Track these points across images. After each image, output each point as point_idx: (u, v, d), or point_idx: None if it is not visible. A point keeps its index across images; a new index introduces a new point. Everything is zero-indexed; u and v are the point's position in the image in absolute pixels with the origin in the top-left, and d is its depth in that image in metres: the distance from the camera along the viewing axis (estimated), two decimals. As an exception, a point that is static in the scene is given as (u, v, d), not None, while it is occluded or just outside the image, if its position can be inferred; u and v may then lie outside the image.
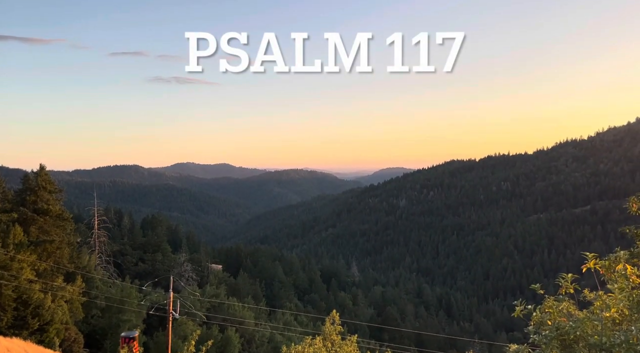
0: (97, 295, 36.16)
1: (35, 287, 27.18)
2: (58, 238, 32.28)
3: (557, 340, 5.52)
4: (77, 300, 31.72)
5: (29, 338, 25.57)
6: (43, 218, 32.49)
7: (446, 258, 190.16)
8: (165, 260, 63.12)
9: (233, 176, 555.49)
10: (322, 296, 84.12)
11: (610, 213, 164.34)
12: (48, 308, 27.21)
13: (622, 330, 5.14)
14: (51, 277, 30.14)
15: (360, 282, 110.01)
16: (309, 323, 57.89)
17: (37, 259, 29.43)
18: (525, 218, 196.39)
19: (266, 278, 78.74)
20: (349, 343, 18.49)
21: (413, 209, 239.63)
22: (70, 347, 29.13)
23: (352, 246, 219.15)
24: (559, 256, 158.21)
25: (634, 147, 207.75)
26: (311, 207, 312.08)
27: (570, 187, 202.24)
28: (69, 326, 29.90)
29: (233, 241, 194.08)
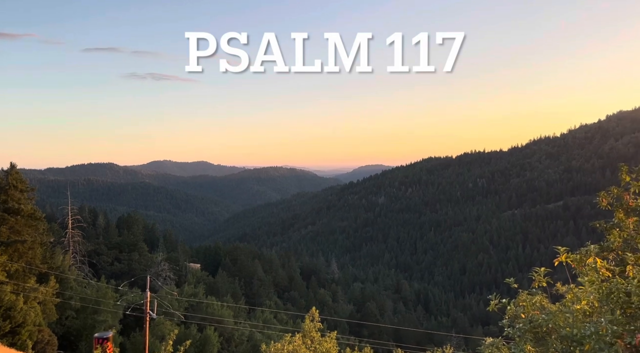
0: (72, 296, 35.37)
1: (7, 289, 26.41)
2: (30, 238, 31.41)
3: (531, 333, 5.67)
4: (51, 301, 30.97)
5: (0, 341, 24.87)
6: (14, 218, 31.55)
7: (424, 254, 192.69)
8: (142, 260, 62.15)
9: (211, 174, 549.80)
10: (302, 293, 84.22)
11: (582, 209, 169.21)
12: (20, 310, 26.48)
13: (593, 322, 5.32)
14: (23, 278, 29.33)
15: (339, 278, 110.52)
16: (289, 320, 57.91)
17: (8, 260, 28.59)
18: (500, 214, 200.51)
19: (245, 276, 78.33)
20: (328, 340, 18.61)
21: (392, 206, 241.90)
22: (43, 349, 28.43)
23: (331, 243, 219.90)
24: (533, 251, 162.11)
25: (604, 144, 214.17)
26: (291, 204, 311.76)
27: (544, 183, 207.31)
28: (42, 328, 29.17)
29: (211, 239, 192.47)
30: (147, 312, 25.09)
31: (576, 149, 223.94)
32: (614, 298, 5.21)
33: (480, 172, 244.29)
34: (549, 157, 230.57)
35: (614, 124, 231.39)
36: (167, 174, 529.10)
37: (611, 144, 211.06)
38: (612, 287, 5.31)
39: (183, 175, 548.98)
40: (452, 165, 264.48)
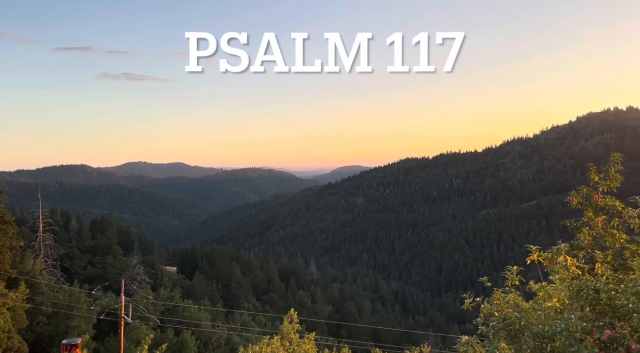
0: (43, 301, 34.36)
1: (-27, 296, 25.46)
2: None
3: (504, 331, 5.78)
4: (21, 307, 30.01)
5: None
6: (-19, 221, 30.49)
7: (402, 254, 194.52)
8: (116, 263, 60.85)
9: (188, 175, 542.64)
10: (281, 295, 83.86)
11: (554, 208, 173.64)
12: (-13, 317, 25.57)
13: (563, 319, 5.46)
14: (-9, 284, 28.33)
15: (318, 279, 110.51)
16: (267, 322, 57.60)
17: (-25, 266, 27.58)
18: (475, 214, 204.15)
19: (223, 279, 77.53)
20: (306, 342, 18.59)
21: (370, 207, 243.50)
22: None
23: (310, 244, 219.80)
24: (507, 249, 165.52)
25: (575, 145, 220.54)
26: (269, 205, 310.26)
27: (517, 183, 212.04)
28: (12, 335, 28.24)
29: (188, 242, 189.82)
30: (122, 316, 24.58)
31: (548, 150, 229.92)
32: (584, 296, 5.36)
33: (455, 172, 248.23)
34: (522, 158, 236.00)
35: (583, 125, 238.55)
36: (142, 175, 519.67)
37: (581, 145, 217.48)
38: (582, 284, 5.46)
39: (159, 176, 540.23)
40: (429, 166, 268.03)
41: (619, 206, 7.30)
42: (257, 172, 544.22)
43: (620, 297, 5.02)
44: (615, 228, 7.17)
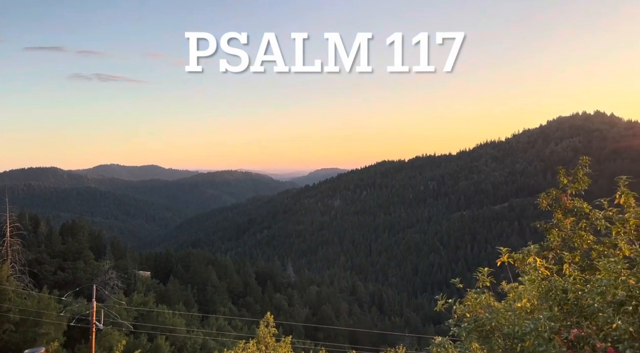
0: (10, 308, 33.19)
1: None
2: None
3: (476, 332, 5.87)
4: (-15, 315, 28.90)
5: None
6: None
7: (378, 256, 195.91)
8: (88, 268, 59.34)
9: (162, 178, 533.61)
10: (258, 299, 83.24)
11: (525, 210, 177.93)
12: (-51, 326, 24.52)
13: (532, 319, 5.58)
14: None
15: (295, 282, 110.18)
16: (244, 327, 57.06)
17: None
18: (450, 216, 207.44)
19: (198, 283, 76.47)
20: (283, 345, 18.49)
21: (347, 209, 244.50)
22: (-24, 367, 26.47)
23: (287, 247, 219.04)
24: (481, 250, 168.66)
25: (545, 148, 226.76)
26: (246, 208, 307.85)
27: (490, 186, 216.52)
28: (-25, 345, 27.16)
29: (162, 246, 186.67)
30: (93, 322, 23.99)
31: (520, 153, 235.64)
32: (552, 296, 5.49)
33: (431, 175, 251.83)
34: (494, 161, 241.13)
35: (554, 128, 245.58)
36: (115, 178, 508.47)
37: (551, 148, 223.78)
38: (551, 285, 5.60)
39: (132, 179, 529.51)
40: (405, 169, 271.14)
41: (586, 208, 7.51)
42: (234, 174, 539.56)
43: (587, 296, 5.17)
44: (583, 230, 7.38)
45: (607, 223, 6.88)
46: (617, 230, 6.47)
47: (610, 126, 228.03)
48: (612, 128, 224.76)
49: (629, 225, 6.24)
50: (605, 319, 4.67)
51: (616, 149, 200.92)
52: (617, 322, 4.53)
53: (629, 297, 4.79)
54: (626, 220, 6.26)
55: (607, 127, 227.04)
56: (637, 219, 6.12)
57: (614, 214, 6.59)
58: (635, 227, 6.21)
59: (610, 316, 4.67)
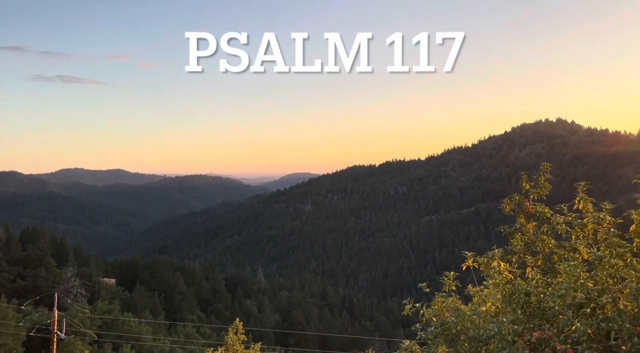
0: (-37, 320, 31.60)
1: None
2: None
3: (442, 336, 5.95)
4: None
5: None
6: None
7: (349, 260, 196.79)
8: (49, 276, 57.17)
9: (128, 183, 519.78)
10: (227, 305, 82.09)
11: (491, 214, 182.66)
12: None
13: (496, 322, 5.70)
14: None
15: (266, 288, 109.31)
16: (212, 334, 56.14)
17: None
18: (419, 220, 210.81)
19: (165, 290, 74.80)
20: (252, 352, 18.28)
21: (318, 214, 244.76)
22: None
23: (258, 252, 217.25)
24: (449, 254, 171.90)
25: (510, 154, 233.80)
26: (216, 213, 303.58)
27: (457, 190, 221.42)
28: None
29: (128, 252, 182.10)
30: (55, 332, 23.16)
31: (486, 158, 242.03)
32: (516, 299, 5.63)
33: (400, 179, 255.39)
34: (462, 166, 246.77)
35: (518, 135, 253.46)
36: (79, 182, 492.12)
37: (516, 154, 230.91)
38: (514, 288, 5.74)
39: (96, 184, 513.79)
40: (375, 173, 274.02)
41: (547, 213, 7.75)
42: (203, 179, 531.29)
43: (548, 299, 5.32)
44: (545, 234, 7.61)
45: (568, 227, 7.13)
46: (576, 235, 6.70)
47: (571, 133, 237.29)
48: (573, 135, 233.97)
49: (587, 229, 6.48)
50: (565, 321, 4.81)
51: (577, 155, 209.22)
52: (576, 324, 4.68)
53: (587, 299, 4.95)
54: (585, 225, 6.50)
55: (568, 134, 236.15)
56: (594, 224, 6.35)
57: (573, 219, 6.83)
58: (594, 231, 6.44)
59: (569, 318, 4.81)
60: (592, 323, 4.68)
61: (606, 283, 5.16)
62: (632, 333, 4.42)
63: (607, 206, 6.36)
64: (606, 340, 4.60)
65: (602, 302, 4.89)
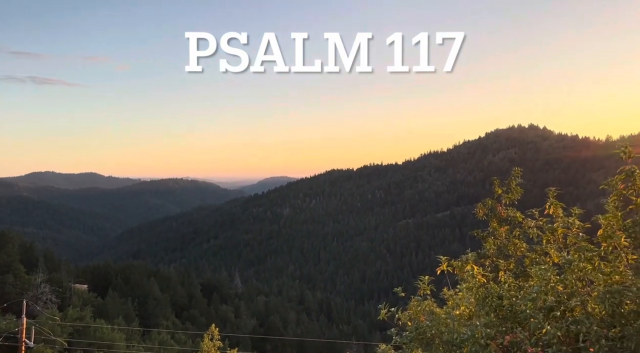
0: None
1: None
2: None
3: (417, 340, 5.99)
4: None
5: None
6: None
7: (327, 264, 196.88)
8: (18, 283, 55.37)
9: (101, 186, 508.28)
10: (203, 311, 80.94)
11: (466, 217, 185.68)
12: None
13: (470, 326, 5.77)
14: None
15: (243, 293, 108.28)
16: (188, 340, 55.26)
17: None
18: (396, 224, 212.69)
19: (139, 296, 73.29)
20: (228, 359, 18.05)
21: (296, 218, 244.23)
22: None
23: (235, 257, 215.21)
24: (425, 257, 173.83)
25: (484, 159, 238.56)
26: (192, 218, 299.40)
27: (433, 194, 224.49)
28: None
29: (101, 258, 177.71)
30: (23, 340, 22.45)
31: (461, 163, 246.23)
32: (489, 302, 5.71)
33: (378, 184, 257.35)
34: (437, 170, 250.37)
35: (491, 140, 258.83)
36: (50, 186, 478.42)
37: (489, 159, 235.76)
38: (487, 292, 5.82)
39: (68, 187, 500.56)
40: (353, 177, 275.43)
41: (519, 217, 7.91)
42: (179, 182, 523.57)
43: (520, 303, 5.42)
44: (517, 238, 7.76)
45: (539, 232, 7.29)
46: (547, 239, 6.86)
47: (542, 139, 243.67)
48: (545, 141, 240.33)
49: (558, 234, 6.64)
50: (536, 324, 4.90)
51: (548, 160, 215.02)
52: (546, 327, 4.77)
53: (557, 302, 5.06)
54: (555, 230, 6.66)
55: (540, 139, 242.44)
56: (564, 228, 6.52)
57: (544, 223, 7.00)
58: (563, 235, 6.61)
59: (540, 321, 4.91)
60: (561, 326, 4.78)
61: (575, 286, 5.28)
62: (600, 335, 4.54)
63: (576, 211, 6.54)
64: (575, 343, 4.71)
65: (572, 305, 5.01)
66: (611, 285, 5.02)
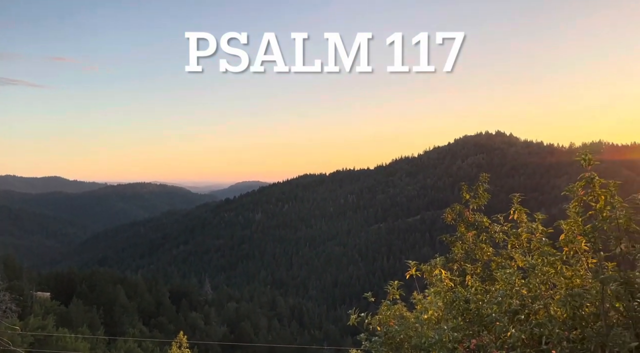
0: None
1: None
2: None
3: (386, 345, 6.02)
4: None
5: None
6: None
7: (299, 269, 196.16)
8: (-26, 292, 52.75)
9: (66, 191, 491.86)
10: (171, 318, 79.21)
11: (436, 222, 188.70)
12: None
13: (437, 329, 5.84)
14: None
15: (213, 299, 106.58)
16: (155, 348, 53.95)
17: None
18: (368, 228, 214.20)
19: (105, 304, 71.16)
20: (197, 367, 17.67)
21: (269, 222, 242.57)
22: None
23: (205, 263, 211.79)
24: (396, 261, 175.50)
25: (453, 164, 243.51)
26: (160, 223, 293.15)
27: (404, 199, 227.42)
28: None
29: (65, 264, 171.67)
30: (-23, 354, 21.36)
31: (431, 169, 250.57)
32: (456, 306, 5.80)
33: (350, 188, 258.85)
34: (408, 175, 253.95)
35: (460, 146, 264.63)
36: (10, 190, 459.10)
37: (458, 165, 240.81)
38: (455, 295, 5.91)
39: (30, 192, 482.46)
40: (326, 182, 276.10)
41: (486, 222, 8.08)
42: (147, 187, 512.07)
43: (486, 306, 5.52)
44: (483, 243, 7.92)
45: (504, 236, 7.46)
46: (512, 243, 7.04)
47: (509, 145, 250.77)
48: (511, 147, 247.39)
49: (522, 238, 6.83)
50: (501, 328, 5.00)
51: (514, 166, 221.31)
52: (511, 330, 4.87)
53: (521, 306, 5.18)
54: (519, 234, 6.84)
55: (506, 146, 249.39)
56: (528, 233, 6.71)
57: (509, 228, 7.17)
58: (527, 240, 6.80)
59: (505, 325, 5.01)
60: (525, 329, 4.89)
61: (539, 290, 5.42)
62: (562, 337, 4.67)
63: (539, 216, 6.74)
64: (539, 345, 4.82)
65: (535, 308, 5.13)
66: (572, 289, 5.18)
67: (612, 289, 4.73)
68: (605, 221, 5.13)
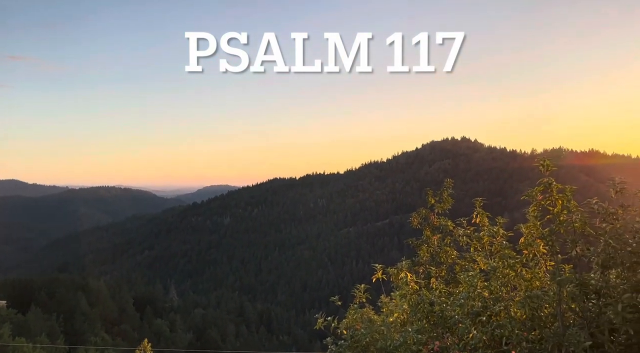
0: None
1: None
2: None
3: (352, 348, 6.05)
4: None
5: None
6: None
7: (268, 274, 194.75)
8: None
9: (24, 194, 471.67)
10: (135, 326, 77.08)
11: (404, 226, 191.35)
12: None
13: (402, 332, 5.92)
14: None
15: (179, 306, 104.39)
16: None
17: None
18: (337, 232, 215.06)
19: (65, 311, 68.56)
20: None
21: (237, 227, 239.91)
22: None
23: (171, 269, 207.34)
24: (365, 265, 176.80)
25: (420, 169, 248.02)
26: (125, 228, 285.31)
27: (373, 203, 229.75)
28: None
29: (23, 271, 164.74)
30: None
31: (399, 173, 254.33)
32: (421, 309, 5.89)
33: (321, 192, 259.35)
34: (377, 180, 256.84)
35: (427, 152, 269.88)
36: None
37: (426, 169, 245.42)
38: (420, 298, 6.01)
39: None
40: (296, 186, 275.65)
41: (450, 226, 8.27)
42: (111, 191, 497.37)
43: (450, 309, 5.64)
44: (448, 246, 8.09)
45: (468, 239, 7.65)
46: (474, 247, 7.23)
47: (474, 151, 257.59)
48: (476, 153, 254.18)
49: (484, 242, 7.02)
50: (464, 329, 5.12)
51: (479, 171, 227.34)
52: (473, 331, 4.99)
53: (483, 307, 5.31)
54: (481, 238, 7.03)
55: (471, 151, 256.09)
56: (490, 237, 6.91)
57: (471, 232, 7.37)
58: (489, 243, 7.00)
59: (467, 326, 5.13)
60: (487, 330, 5.01)
61: (500, 292, 5.58)
62: (521, 338, 4.82)
63: (500, 220, 6.96)
64: (500, 346, 4.96)
65: (496, 310, 5.28)
66: (531, 291, 5.35)
67: (568, 291, 4.91)
68: (562, 225, 5.33)
